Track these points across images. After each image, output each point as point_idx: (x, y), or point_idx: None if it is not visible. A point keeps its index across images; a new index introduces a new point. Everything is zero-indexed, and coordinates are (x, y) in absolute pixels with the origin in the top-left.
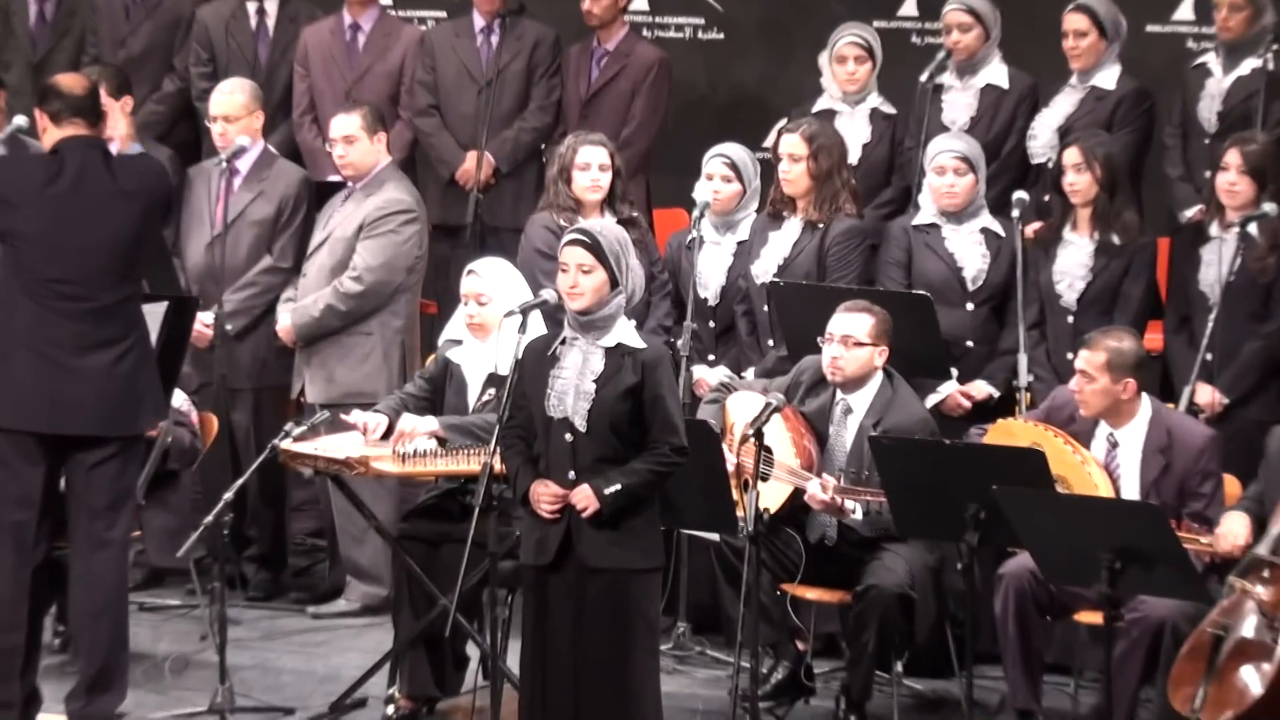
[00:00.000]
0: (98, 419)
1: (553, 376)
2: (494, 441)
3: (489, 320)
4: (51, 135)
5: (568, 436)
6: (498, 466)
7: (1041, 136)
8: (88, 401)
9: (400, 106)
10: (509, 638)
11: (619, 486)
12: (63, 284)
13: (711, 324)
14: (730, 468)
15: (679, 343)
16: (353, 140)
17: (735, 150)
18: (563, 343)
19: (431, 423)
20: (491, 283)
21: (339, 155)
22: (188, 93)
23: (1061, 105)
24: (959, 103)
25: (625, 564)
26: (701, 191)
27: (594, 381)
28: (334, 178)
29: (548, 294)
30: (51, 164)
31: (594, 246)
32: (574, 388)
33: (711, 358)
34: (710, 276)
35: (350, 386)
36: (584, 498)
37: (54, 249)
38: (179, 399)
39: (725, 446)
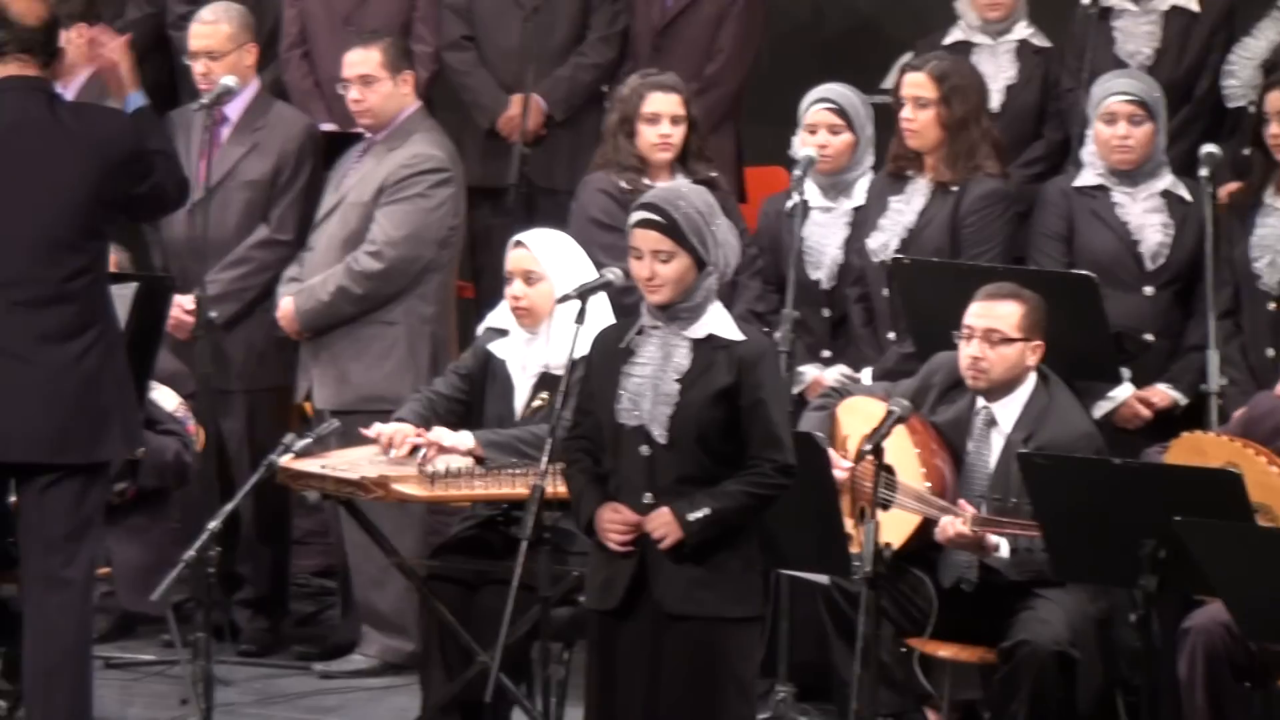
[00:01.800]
0: (39, 442)
1: (625, 375)
2: (546, 456)
3: (540, 306)
4: None
5: (643, 450)
6: (551, 489)
7: (1241, 74)
8: (28, 416)
9: (413, 39)
10: (566, 703)
11: (706, 512)
12: None
13: (826, 311)
14: (842, 492)
15: (777, 334)
16: (371, 81)
17: (845, 93)
18: (639, 333)
19: (467, 439)
20: (543, 258)
21: (354, 99)
22: (160, 19)
23: (1267, 33)
24: (1136, 31)
25: (713, 611)
26: (804, 146)
27: (677, 381)
28: (330, 127)
29: (611, 273)
30: None
31: (671, 227)
32: (652, 389)
33: (827, 354)
34: (823, 252)
35: (367, 390)
36: (662, 525)
37: None
38: (170, 401)
39: (836, 465)
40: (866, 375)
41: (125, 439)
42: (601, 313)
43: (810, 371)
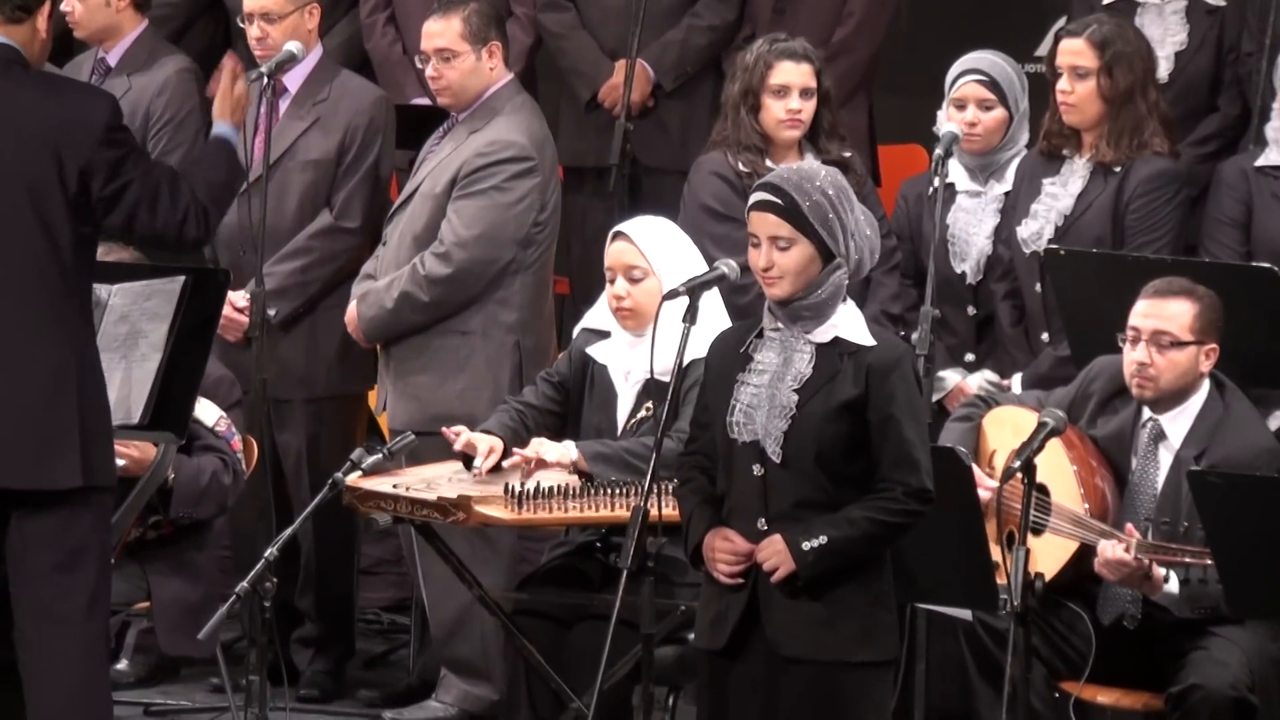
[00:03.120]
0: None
1: (740, 383)
2: (649, 475)
3: (645, 305)
4: None
5: (756, 469)
6: (655, 510)
7: None
8: None
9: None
10: None
11: (822, 540)
12: None
13: (971, 309)
14: (988, 516)
15: (914, 336)
16: (450, 55)
17: (998, 63)
18: (758, 336)
19: (568, 450)
20: (649, 252)
21: (432, 75)
22: None
23: None
24: None
25: (836, 654)
26: (949, 121)
27: (795, 391)
28: (424, 102)
29: (725, 266)
30: None
31: (792, 209)
32: (768, 399)
33: (971, 358)
34: (968, 242)
35: (438, 408)
36: (772, 554)
37: None
38: (210, 414)
39: (981, 485)
40: (1016, 382)
41: (93, 469)
42: (714, 312)
43: (952, 377)
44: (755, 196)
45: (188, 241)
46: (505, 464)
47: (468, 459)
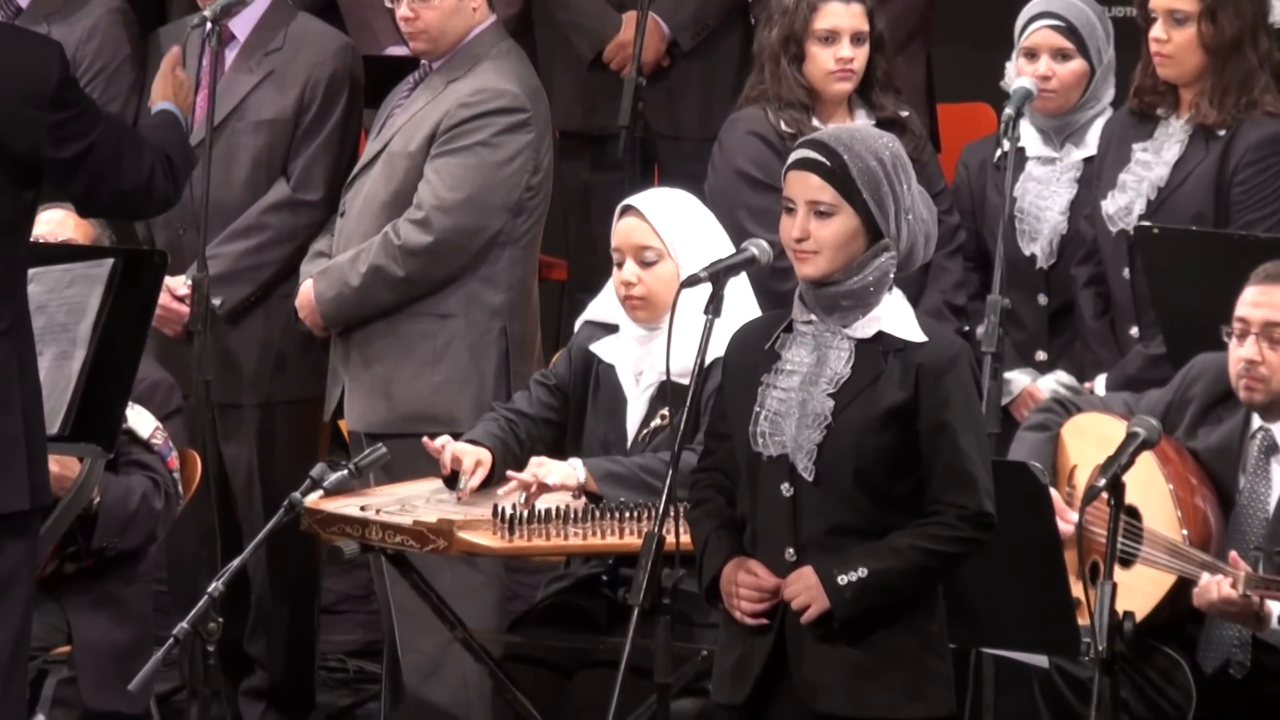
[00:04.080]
0: None
1: (765, 386)
2: (665, 494)
3: (659, 293)
4: None
5: (785, 488)
6: (672, 538)
7: None
8: None
9: None
10: None
11: (861, 574)
12: None
13: (1043, 298)
14: (1067, 544)
15: (979, 330)
16: None
17: (1076, 5)
18: (787, 329)
19: (575, 469)
20: (663, 229)
21: (405, 16)
22: None
23: None
24: None
25: (879, 710)
26: (1020, 75)
27: (830, 396)
28: (399, 51)
29: (755, 248)
30: None
31: (840, 171)
32: (798, 406)
33: (1042, 355)
34: (1040, 218)
35: (413, 406)
36: (803, 590)
37: None
38: (144, 424)
39: (1059, 508)
40: (1100, 384)
41: (34, 488)
42: (743, 301)
43: (1019, 379)
44: (797, 154)
45: (156, 200)
46: (500, 490)
47: (450, 476)
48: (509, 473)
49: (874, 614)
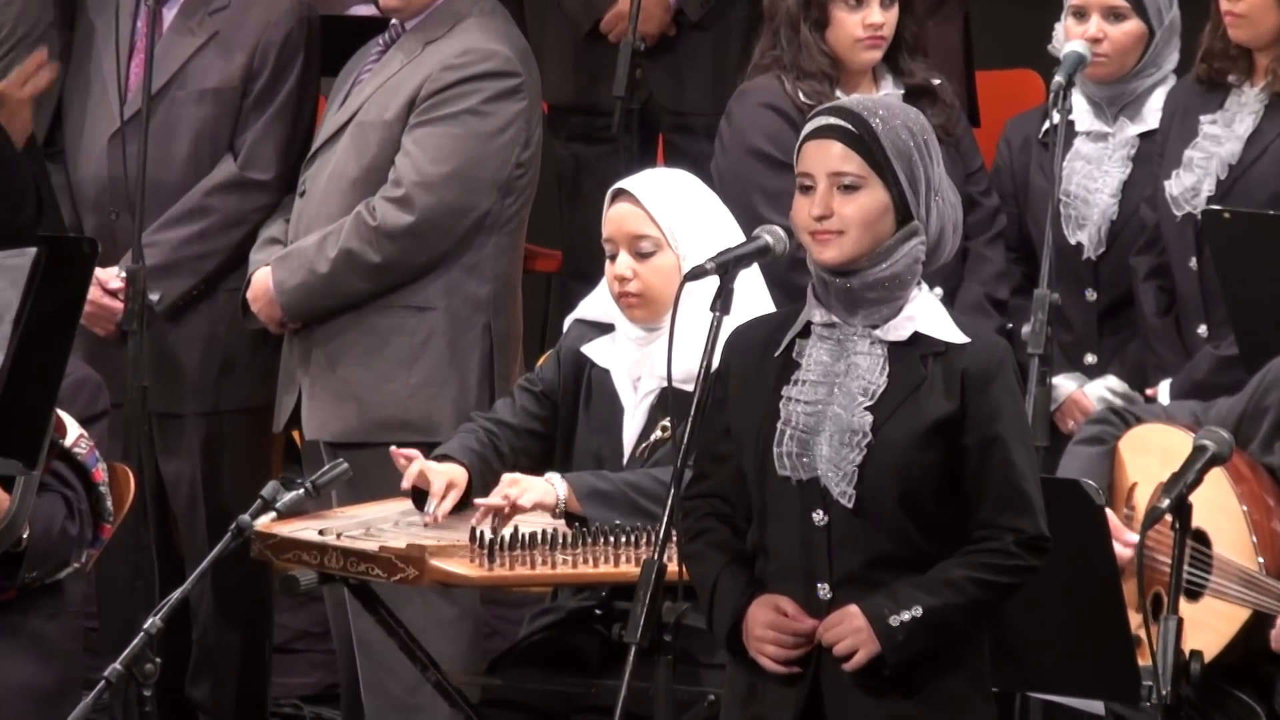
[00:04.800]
0: None
1: (786, 400)
2: (667, 516)
3: (658, 288)
4: None
5: (818, 516)
6: (674, 566)
7: None
8: None
9: None
10: None
11: (917, 613)
12: None
13: (1091, 294)
14: (1126, 573)
15: (1025, 330)
16: None
17: None
18: (803, 333)
19: (553, 486)
20: (662, 216)
21: None
22: None
23: None
24: None
25: None
26: (1070, 38)
27: (868, 409)
28: (364, 10)
29: (769, 235)
30: None
31: (866, 139)
32: (831, 421)
33: (1091, 359)
34: (1087, 201)
35: (385, 412)
36: (850, 632)
37: None
38: (70, 431)
39: (1117, 532)
40: (1164, 391)
41: None
42: (754, 297)
43: (1065, 385)
44: (815, 122)
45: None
46: (478, 505)
47: (419, 495)
48: (475, 500)
49: (926, 659)
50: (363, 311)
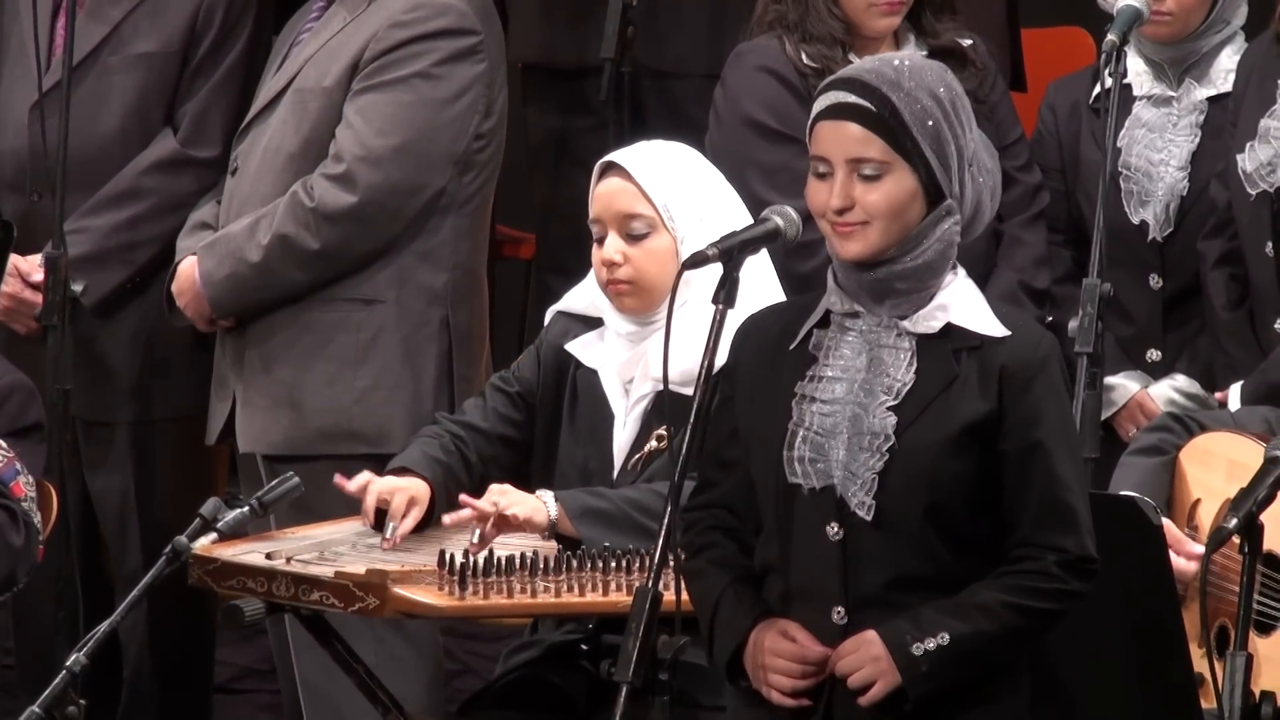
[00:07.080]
0: None
1: (800, 399)
2: (662, 538)
3: (651, 275)
4: None
5: (832, 530)
6: (670, 594)
7: None
8: None
9: None
10: None
11: (943, 641)
12: None
13: (1156, 280)
14: (1187, 600)
15: (1072, 324)
16: None
17: None
18: (822, 323)
19: (545, 502)
20: (657, 192)
21: None
22: None
23: None
24: None
25: None
26: None
27: (891, 410)
28: None
29: (779, 217)
30: None
31: (887, 119)
32: (849, 423)
33: (1155, 355)
34: (1150, 175)
35: (332, 421)
36: (867, 661)
37: None
38: None
39: (1178, 552)
40: (1234, 395)
41: None
42: (762, 287)
43: (1126, 386)
44: (827, 98)
45: None
46: (447, 519)
47: (378, 514)
48: (463, 497)
49: (951, 691)
50: (302, 306)
